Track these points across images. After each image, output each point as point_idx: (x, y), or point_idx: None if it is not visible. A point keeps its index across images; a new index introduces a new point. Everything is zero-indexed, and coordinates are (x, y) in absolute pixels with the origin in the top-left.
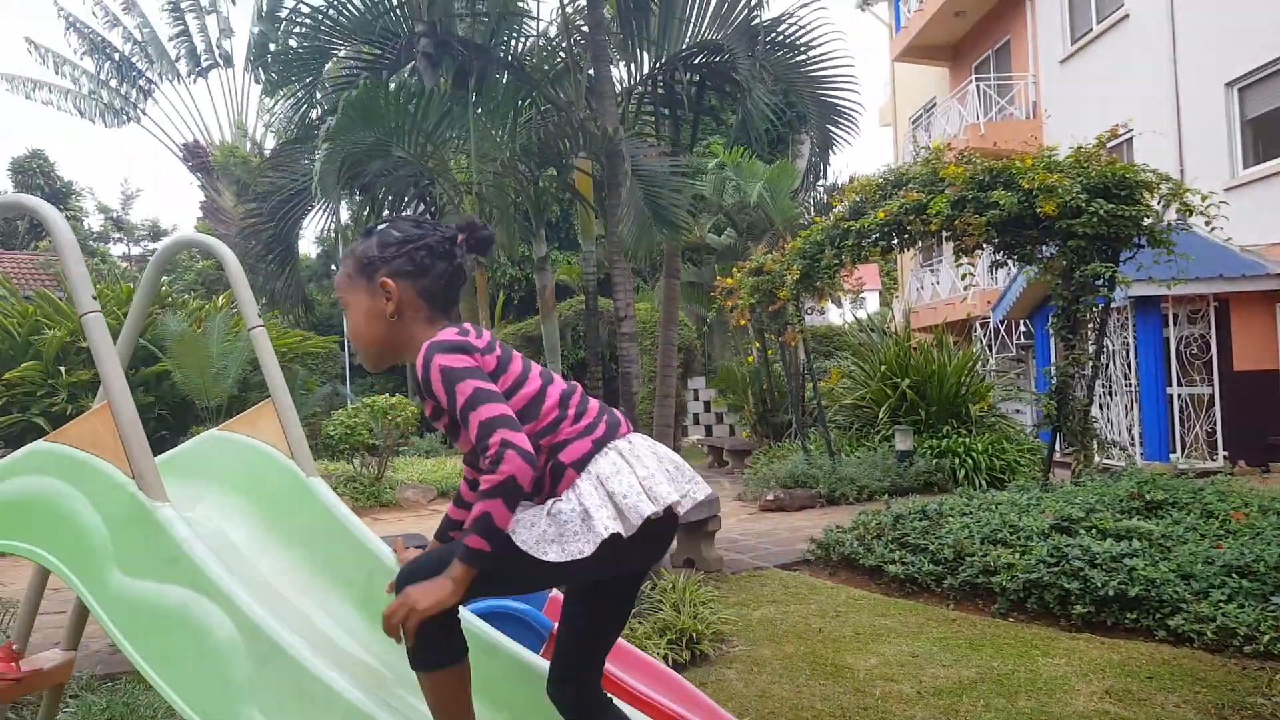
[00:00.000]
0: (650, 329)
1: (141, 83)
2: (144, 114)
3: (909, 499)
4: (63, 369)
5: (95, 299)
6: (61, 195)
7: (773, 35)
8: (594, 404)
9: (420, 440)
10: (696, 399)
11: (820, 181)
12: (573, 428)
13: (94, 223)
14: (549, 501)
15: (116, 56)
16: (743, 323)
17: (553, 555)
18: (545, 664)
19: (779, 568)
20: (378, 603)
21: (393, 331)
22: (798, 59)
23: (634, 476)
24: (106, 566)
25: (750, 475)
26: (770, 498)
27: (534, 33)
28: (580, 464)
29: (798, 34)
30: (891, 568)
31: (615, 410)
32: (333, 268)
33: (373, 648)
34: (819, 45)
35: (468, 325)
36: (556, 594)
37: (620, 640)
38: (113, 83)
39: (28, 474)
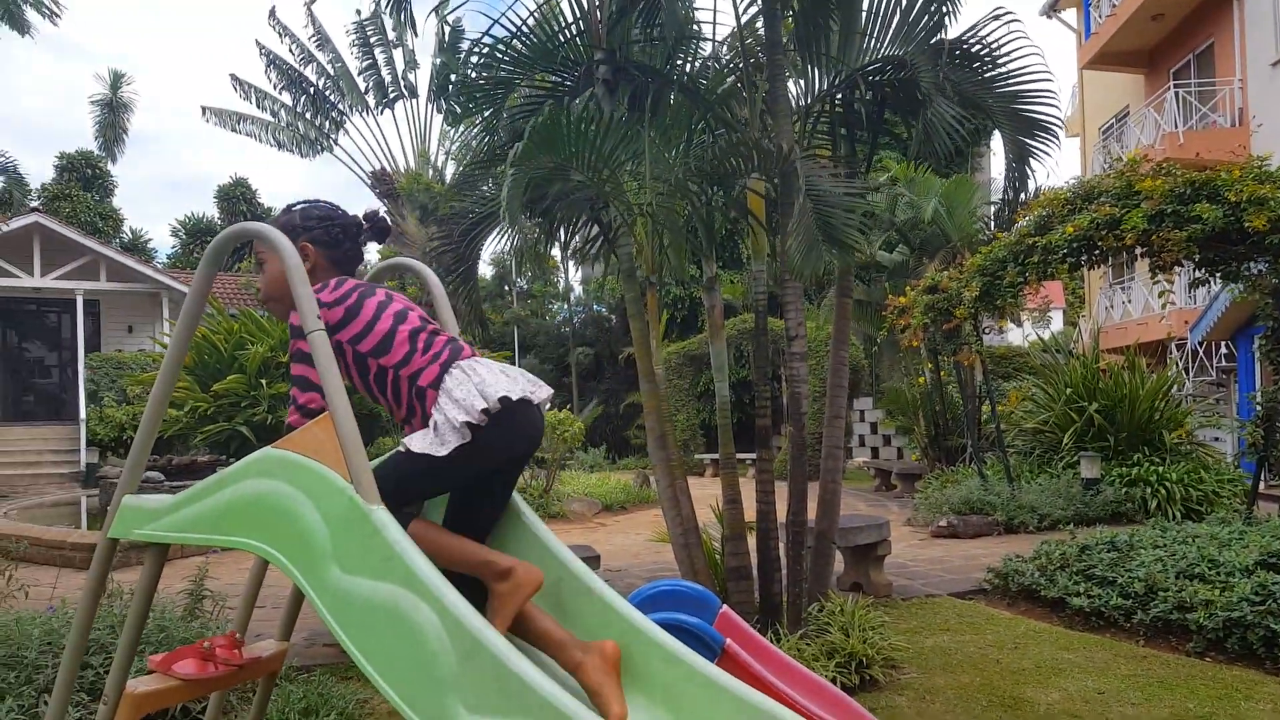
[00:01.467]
0: (815, 348)
1: (334, 114)
2: (335, 144)
3: (1095, 529)
4: (264, 382)
5: (319, 318)
6: (262, 220)
7: (959, 50)
8: (441, 338)
9: (585, 455)
10: (862, 420)
11: (1020, 198)
12: (422, 358)
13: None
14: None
15: (311, 90)
16: (915, 343)
17: (439, 451)
18: (721, 672)
19: (953, 596)
20: (565, 606)
21: None
22: (987, 74)
23: (471, 384)
24: (327, 564)
25: (921, 500)
26: (943, 523)
27: (707, 54)
28: (435, 384)
29: (986, 49)
30: (1076, 600)
31: (459, 341)
32: (505, 288)
33: None
34: (1013, 59)
35: (332, 281)
36: (727, 610)
37: (788, 658)
38: (308, 115)
39: (258, 477)
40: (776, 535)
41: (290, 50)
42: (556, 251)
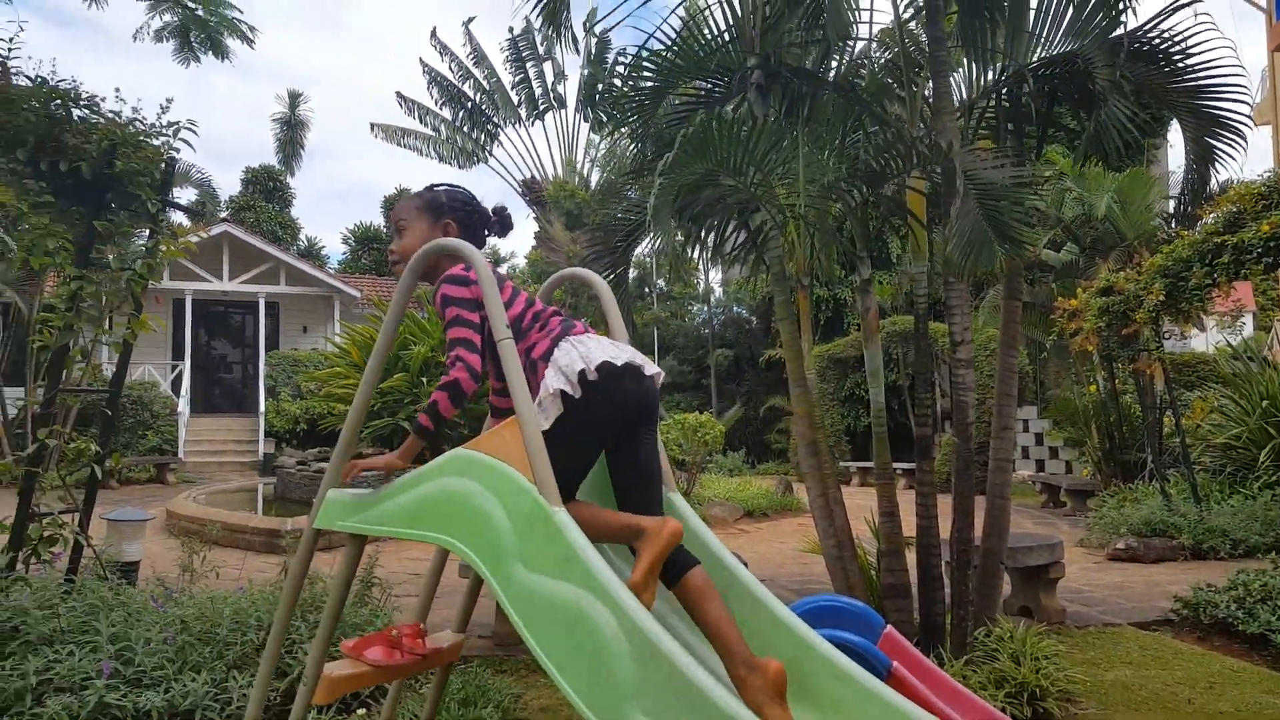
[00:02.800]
0: (975, 353)
1: (489, 127)
2: (490, 155)
3: None
4: (425, 380)
5: (509, 327)
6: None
7: (1139, 44)
8: (556, 318)
9: (724, 458)
10: (1026, 430)
11: (1201, 199)
12: (539, 334)
13: None
14: None
15: (469, 105)
16: (1088, 348)
17: (544, 424)
18: (894, 693)
19: (1134, 625)
20: (733, 615)
21: (436, 258)
22: (1169, 68)
23: (575, 353)
24: (511, 560)
25: (1095, 519)
26: (1121, 546)
27: (862, 53)
28: (545, 357)
29: (1168, 42)
30: None
31: (575, 320)
32: (645, 290)
33: None
34: (1197, 53)
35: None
36: (892, 630)
37: (957, 684)
38: (466, 128)
39: (450, 476)
40: (939, 553)
41: (450, 67)
42: (698, 255)
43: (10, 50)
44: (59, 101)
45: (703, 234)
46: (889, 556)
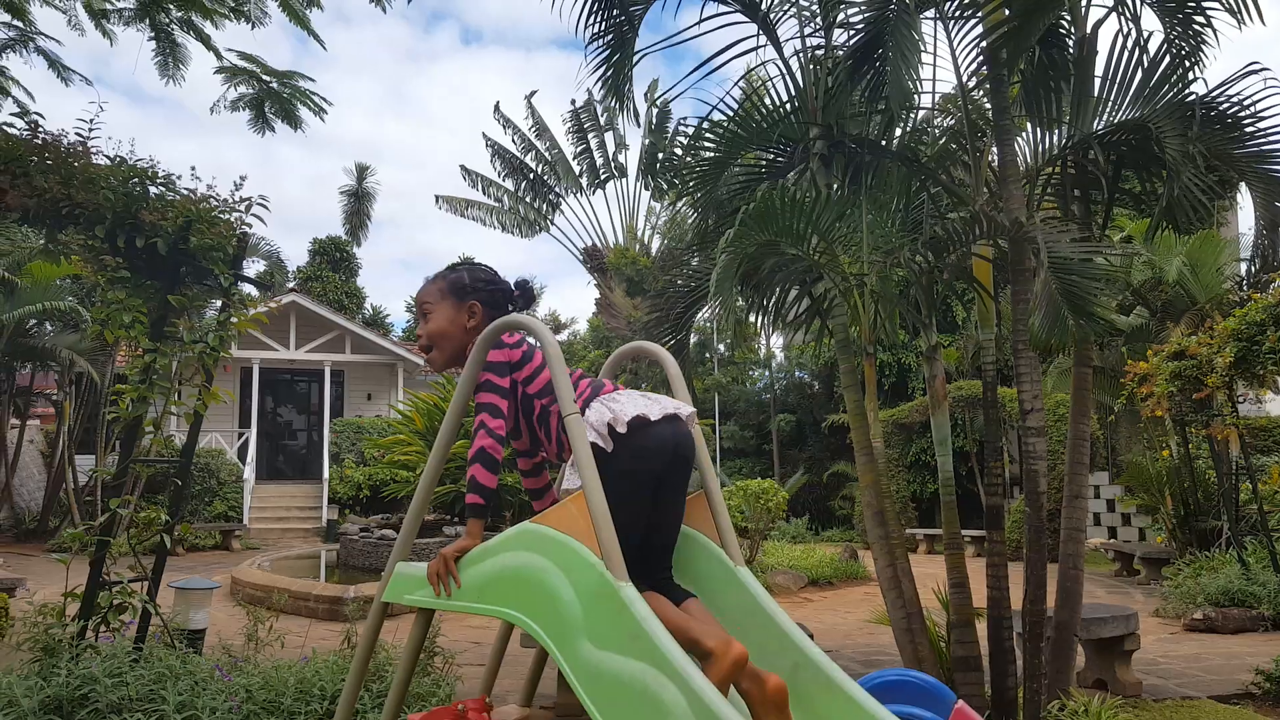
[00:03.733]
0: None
1: (551, 197)
2: (552, 224)
3: None
4: None
5: (575, 402)
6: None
7: (1207, 109)
8: (586, 380)
9: (787, 525)
10: (1097, 497)
11: (1272, 263)
12: None
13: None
14: None
15: (531, 176)
16: (1159, 413)
17: (575, 485)
18: None
19: (1213, 699)
20: (803, 695)
21: (464, 339)
22: (1237, 133)
23: (605, 410)
24: (578, 636)
25: (1171, 589)
26: (1198, 616)
27: (924, 119)
28: None
29: (1236, 107)
30: None
31: (604, 380)
32: (706, 355)
33: None
34: (1266, 116)
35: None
36: (963, 705)
37: None
38: (528, 198)
39: (516, 550)
40: (1010, 624)
41: (512, 140)
42: (758, 321)
43: (91, 130)
44: (137, 179)
45: (764, 301)
46: (959, 628)
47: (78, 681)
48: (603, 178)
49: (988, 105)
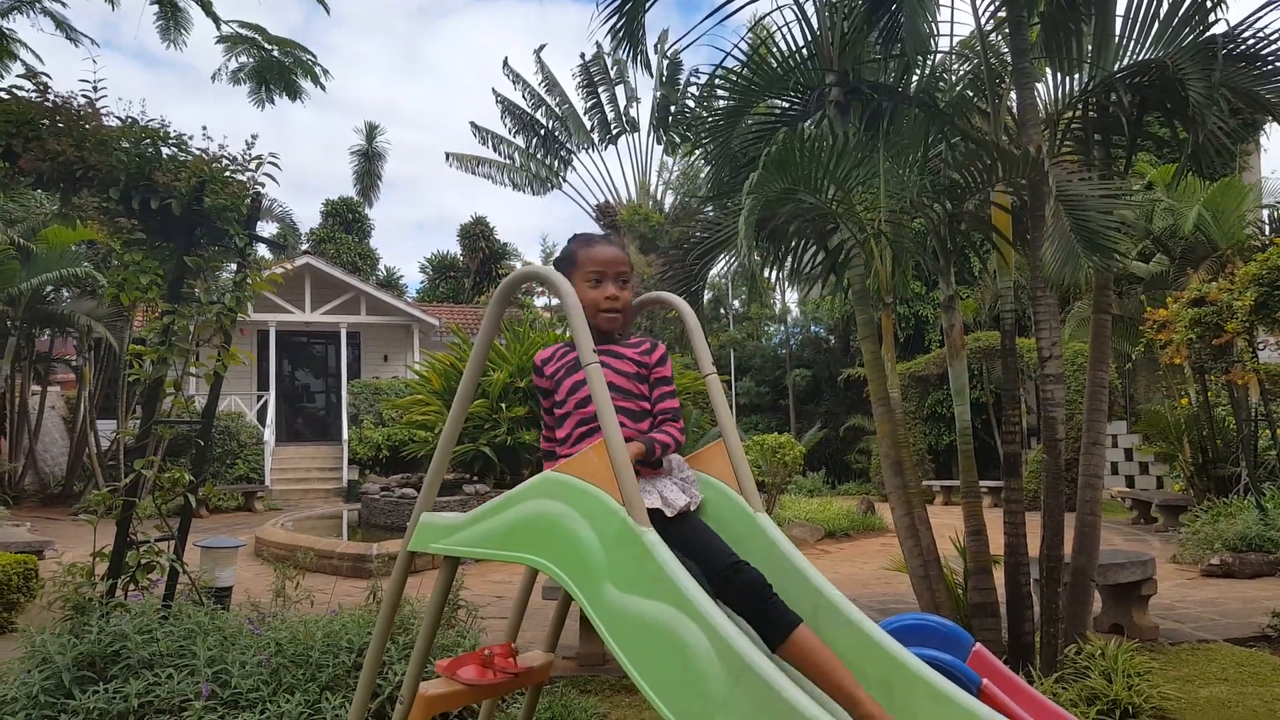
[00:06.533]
0: (1065, 368)
1: (562, 153)
2: (564, 180)
3: None
4: (503, 405)
5: (595, 351)
6: (499, 255)
7: (1232, 47)
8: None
9: (804, 479)
10: (1115, 446)
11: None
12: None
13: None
14: None
15: (542, 132)
16: (1178, 360)
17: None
18: (990, 711)
19: (1230, 642)
20: (823, 635)
21: None
22: (1263, 70)
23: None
24: (601, 581)
25: (1188, 535)
26: (1215, 561)
27: (942, 64)
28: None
29: (1262, 42)
30: None
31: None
32: (721, 311)
33: None
34: None
35: None
36: (980, 648)
37: (1048, 701)
38: (539, 155)
39: (540, 498)
40: (1027, 571)
41: (523, 96)
42: (774, 275)
43: (98, 91)
44: (149, 140)
45: (780, 254)
46: (976, 575)
47: (109, 639)
48: (614, 132)
49: (1006, 50)
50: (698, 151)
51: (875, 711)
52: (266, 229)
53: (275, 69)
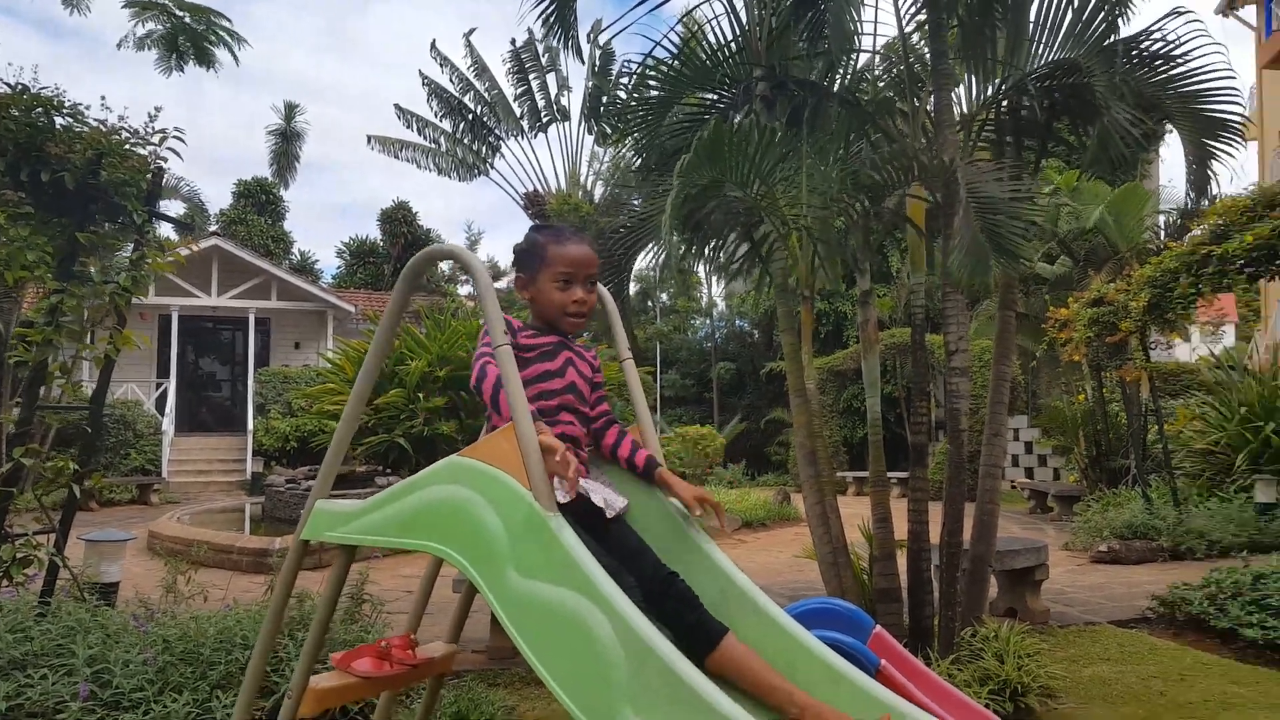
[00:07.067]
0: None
1: (491, 139)
2: (492, 167)
3: (1271, 557)
4: (421, 395)
5: (506, 334)
6: (422, 242)
7: (1135, 51)
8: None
9: (725, 471)
10: (1016, 439)
11: (1203, 200)
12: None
13: (445, 265)
14: None
15: (470, 117)
16: (1077, 358)
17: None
18: (885, 690)
19: (1113, 624)
20: (729, 619)
21: None
22: (1165, 74)
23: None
24: (506, 567)
25: (1080, 524)
26: (1104, 549)
27: (866, 63)
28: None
29: (1166, 47)
30: (1249, 631)
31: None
32: (648, 304)
33: None
34: (1192, 58)
35: None
36: (880, 630)
37: (943, 681)
38: (466, 140)
39: (444, 483)
40: (929, 557)
41: (450, 79)
42: (701, 268)
43: None
44: (41, 109)
45: (706, 246)
46: (881, 561)
47: None
48: (544, 120)
49: (927, 51)
50: (628, 142)
51: (809, 702)
52: (172, 208)
53: (188, 34)
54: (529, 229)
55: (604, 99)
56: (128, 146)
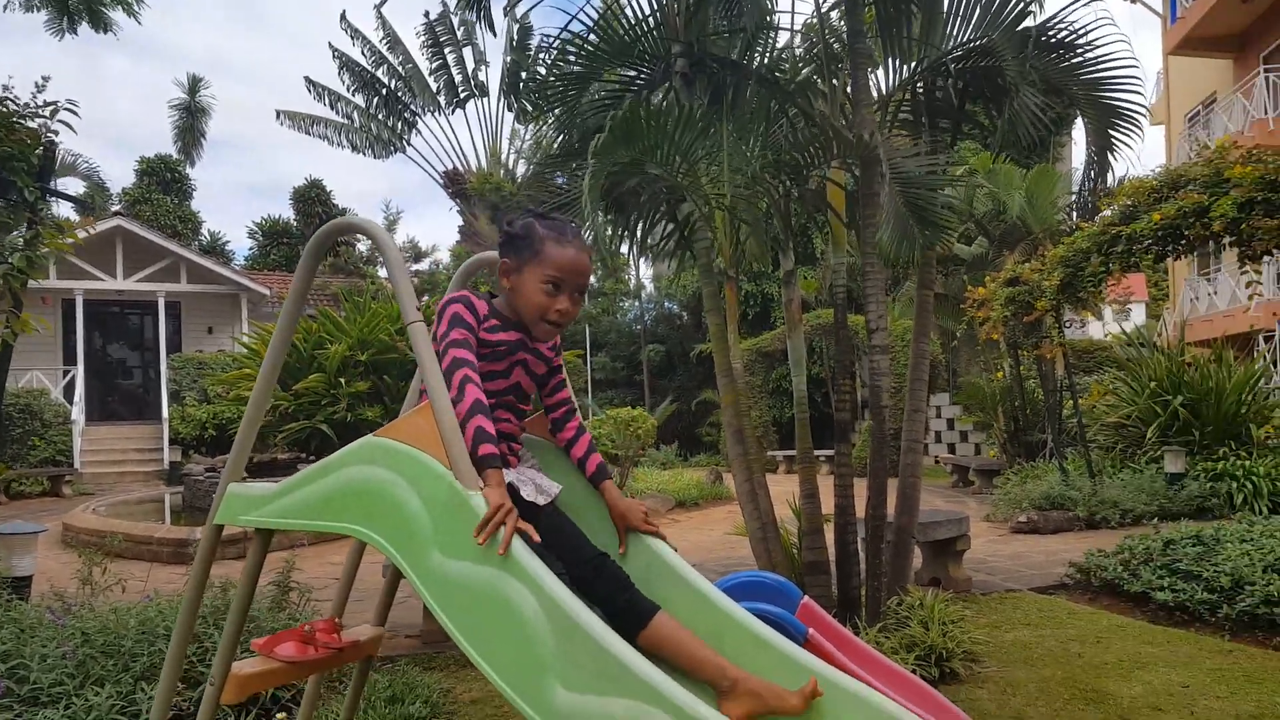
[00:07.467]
0: (892, 343)
1: (406, 115)
2: (409, 144)
3: (1179, 524)
4: (343, 380)
5: (419, 310)
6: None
7: (1045, 36)
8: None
9: (657, 453)
10: (939, 416)
11: (1100, 187)
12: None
13: (363, 246)
14: None
15: (384, 91)
16: (994, 336)
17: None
18: (811, 657)
19: (1033, 591)
20: (656, 593)
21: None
22: (1072, 61)
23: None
24: (428, 548)
25: (1000, 496)
26: (1023, 519)
27: (785, 44)
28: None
29: (1073, 35)
30: (1160, 594)
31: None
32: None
33: None
34: (1098, 46)
35: None
36: (808, 600)
37: (869, 648)
38: (381, 116)
39: (361, 464)
40: (855, 530)
41: (362, 53)
42: (627, 249)
43: None
44: None
45: (630, 226)
46: (810, 535)
47: None
48: (462, 96)
49: (845, 30)
50: (549, 119)
51: (740, 674)
52: (70, 186)
53: None
54: (530, 214)
55: (523, 74)
56: (15, 120)
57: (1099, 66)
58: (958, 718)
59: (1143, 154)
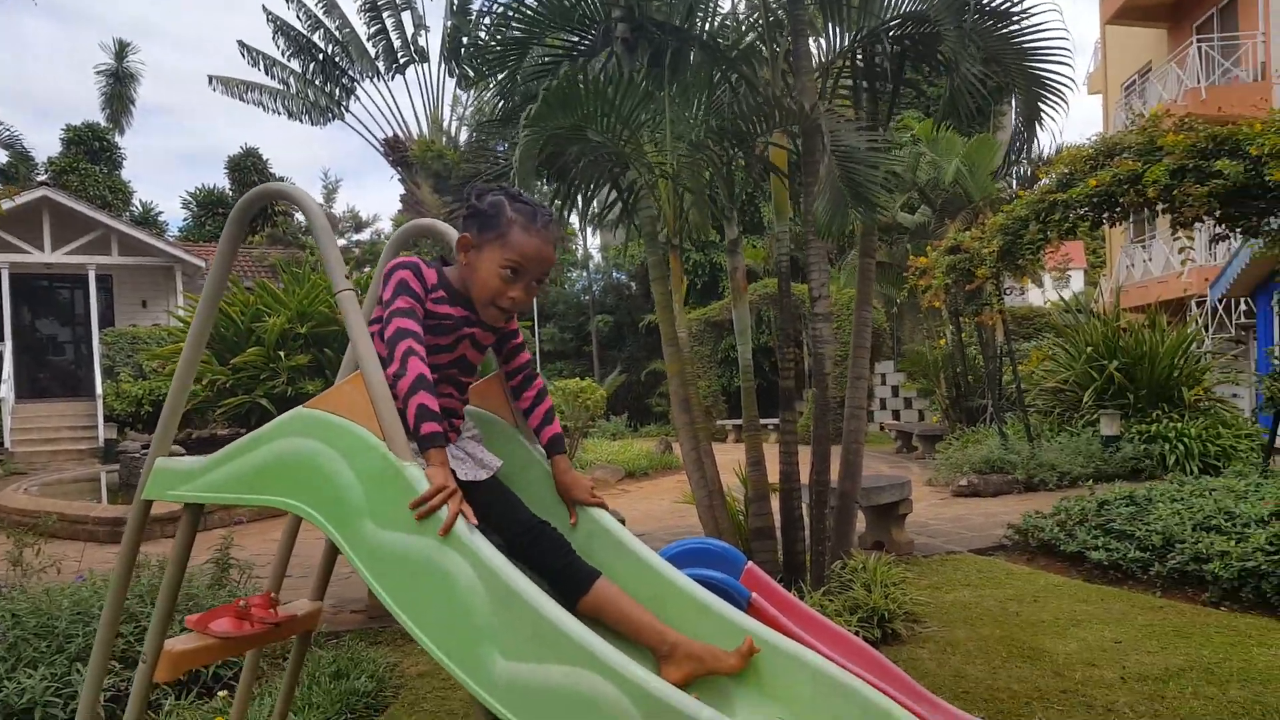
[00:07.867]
0: (836, 311)
1: (344, 81)
2: (347, 110)
3: (1114, 485)
4: (282, 354)
5: (349, 278)
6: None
7: (981, 4)
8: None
9: (607, 423)
10: (884, 383)
11: (1025, 157)
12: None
13: (301, 216)
14: None
15: (321, 57)
16: (936, 304)
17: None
18: (753, 621)
19: (973, 552)
20: (598, 561)
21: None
22: (1006, 29)
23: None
24: (361, 519)
25: (942, 461)
26: (964, 483)
27: (725, 10)
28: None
29: (1007, 3)
30: (1094, 554)
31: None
32: None
33: None
34: (1031, 15)
35: None
36: (752, 566)
37: (812, 611)
38: (318, 82)
39: (292, 436)
40: (800, 496)
41: (297, 16)
42: (575, 219)
43: None
44: None
45: (573, 193)
46: (756, 502)
47: None
48: (402, 62)
49: None
50: (490, 85)
51: (679, 639)
52: None
53: None
54: (501, 192)
55: (464, 40)
56: None
57: (1031, 36)
58: (898, 677)
59: (1083, 123)
